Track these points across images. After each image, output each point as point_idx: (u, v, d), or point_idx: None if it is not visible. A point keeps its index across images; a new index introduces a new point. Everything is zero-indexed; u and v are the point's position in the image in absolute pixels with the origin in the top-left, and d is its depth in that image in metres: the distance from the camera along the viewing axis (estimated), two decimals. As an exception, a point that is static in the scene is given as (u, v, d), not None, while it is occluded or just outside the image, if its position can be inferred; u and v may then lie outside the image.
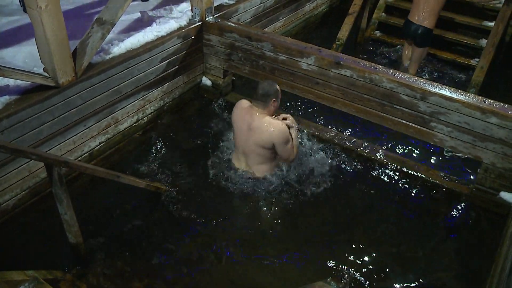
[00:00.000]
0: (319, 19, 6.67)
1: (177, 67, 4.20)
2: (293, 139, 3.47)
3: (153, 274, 2.97)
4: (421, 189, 3.65)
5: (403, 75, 3.51)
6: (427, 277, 3.03)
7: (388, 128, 3.81)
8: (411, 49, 5.40)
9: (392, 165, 3.78)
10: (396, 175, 3.74)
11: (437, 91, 3.34)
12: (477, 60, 5.25)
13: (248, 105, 3.46)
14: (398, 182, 3.71)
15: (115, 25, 3.36)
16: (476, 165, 3.57)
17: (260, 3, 5.10)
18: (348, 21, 5.57)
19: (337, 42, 5.43)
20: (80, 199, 3.30)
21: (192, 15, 4.26)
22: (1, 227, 3.07)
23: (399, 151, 4.08)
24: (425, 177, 3.67)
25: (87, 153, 3.59)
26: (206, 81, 4.60)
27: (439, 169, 3.82)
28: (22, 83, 3.09)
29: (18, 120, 2.94)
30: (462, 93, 3.33)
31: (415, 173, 3.71)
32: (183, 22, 4.17)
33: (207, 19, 4.27)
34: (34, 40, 3.04)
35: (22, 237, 3.12)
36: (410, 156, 4.01)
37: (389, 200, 3.60)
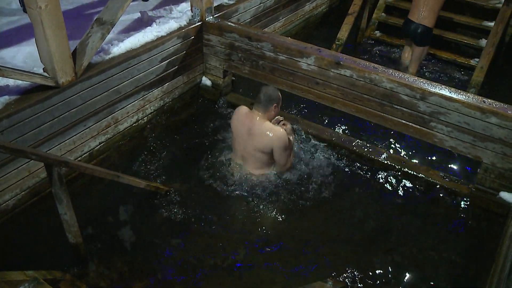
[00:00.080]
0: (319, 19, 6.67)
1: (177, 67, 4.20)
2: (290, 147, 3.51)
3: (153, 274, 2.97)
4: (421, 189, 3.65)
5: (403, 75, 3.51)
6: (426, 277, 3.03)
7: (388, 128, 3.81)
8: (411, 48, 5.40)
9: (392, 165, 3.77)
10: (396, 175, 3.74)
11: (437, 91, 3.34)
12: (477, 60, 5.26)
13: (247, 110, 3.50)
14: (398, 182, 3.71)
15: (115, 25, 3.36)
16: (476, 165, 3.57)
17: (260, 3, 5.10)
18: (348, 21, 5.57)
19: (337, 42, 5.44)
20: (80, 199, 3.30)
21: (192, 15, 4.26)
22: (1, 227, 3.07)
23: (399, 151, 4.08)
24: (425, 177, 3.67)
25: (87, 153, 3.59)
26: (206, 81, 4.60)
27: (439, 169, 3.82)
28: (22, 83, 3.09)
29: (18, 120, 2.94)
30: (462, 93, 3.33)
31: (415, 173, 3.71)
32: (183, 22, 4.17)
33: (207, 19, 4.27)
34: (34, 40, 3.04)
35: (22, 237, 3.12)
36: (410, 156, 4.02)
37: (389, 200, 3.60)
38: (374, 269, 3.05)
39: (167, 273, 2.98)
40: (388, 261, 3.11)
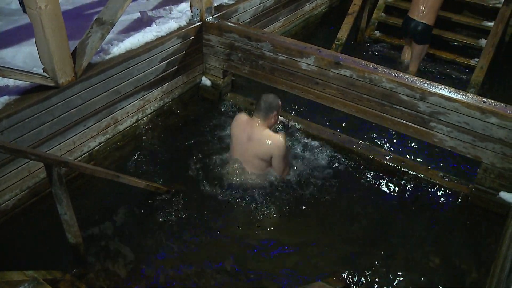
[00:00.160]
0: (318, 19, 6.66)
1: (176, 67, 4.20)
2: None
3: (152, 274, 2.97)
4: (420, 189, 3.65)
5: (402, 75, 3.51)
6: (426, 276, 3.03)
7: (387, 128, 3.81)
8: (411, 48, 5.41)
9: (391, 165, 3.77)
10: (395, 175, 3.75)
11: (437, 91, 3.34)
12: (476, 60, 5.26)
13: (247, 118, 3.54)
14: (397, 182, 3.71)
15: (114, 25, 3.36)
16: (475, 165, 3.57)
17: (260, 3, 5.10)
18: (347, 21, 5.57)
19: (337, 42, 5.44)
20: (79, 200, 3.31)
21: (192, 15, 4.26)
22: (1, 227, 3.07)
23: (399, 151, 4.08)
24: (424, 177, 3.67)
25: (87, 153, 3.59)
26: (206, 81, 4.60)
27: (438, 169, 3.82)
28: (21, 83, 3.09)
29: (17, 120, 2.94)
30: (462, 93, 3.33)
31: (414, 173, 3.71)
32: (182, 22, 4.17)
33: (206, 19, 4.27)
34: (33, 40, 3.04)
35: (22, 237, 3.12)
36: (409, 156, 4.01)
37: (389, 200, 3.60)
38: (374, 269, 3.05)
39: (167, 273, 2.98)
40: (388, 261, 3.11)
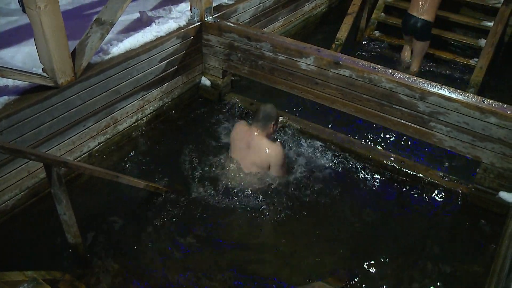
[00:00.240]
0: (318, 19, 6.66)
1: (176, 67, 4.20)
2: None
3: (152, 274, 2.97)
4: (420, 188, 3.65)
5: (402, 75, 3.51)
6: (425, 276, 3.03)
7: (387, 128, 3.81)
8: (410, 46, 5.41)
9: (391, 165, 3.77)
10: (395, 174, 3.75)
11: (436, 91, 3.34)
12: (476, 60, 5.26)
13: (247, 126, 3.57)
14: (397, 181, 3.71)
15: (114, 25, 3.36)
16: (475, 165, 3.58)
17: (259, 3, 5.10)
18: (347, 21, 5.57)
19: (336, 42, 5.44)
20: (79, 200, 3.31)
21: (191, 15, 4.26)
22: (0, 227, 3.07)
23: (398, 151, 4.08)
24: (424, 176, 3.67)
25: (86, 153, 3.58)
26: (205, 81, 4.60)
27: (438, 168, 3.82)
28: (21, 83, 3.08)
29: (17, 121, 2.94)
30: (461, 93, 3.33)
31: (414, 172, 3.70)
32: (182, 22, 4.17)
33: (206, 19, 4.27)
34: (33, 40, 3.04)
35: (21, 237, 3.11)
36: (409, 156, 4.01)
37: (388, 199, 3.60)
38: (373, 269, 3.05)
39: (166, 273, 2.98)
40: (387, 261, 3.11)
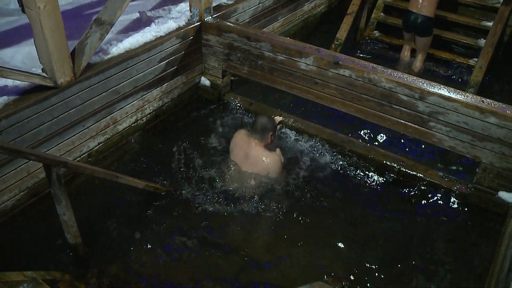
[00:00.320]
0: (317, 19, 6.67)
1: (175, 67, 4.20)
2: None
3: (151, 275, 2.97)
4: (419, 188, 3.65)
5: (401, 75, 3.52)
6: (425, 276, 3.03)
7: (387, 128, 3.81)
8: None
9: (390, 164, 3.77)
10: (394, 174, 3.75)
11: (436, 91, 3.34)
12: (475, 60, 5.26)
13: (246, 135, 3.59)
14: (396, 181, 3.71)
15: (113, 25, 3.36)
16: (474, 164, 3.58)
17: (259, 3, 5.10)
18: (346, 21, 5.57)
19: (336, 42, 5.44)
20: (79, 200, 3.30)
21: (191, 15, 4.26)
22: (0, 227, 3.07)
23: (398, 151, 4.08)
24: (423, 176, 3.67)
25: (86, 153, 3.58)
26: (205, 81, 4.60)
27: (437, 168, 3.82)
28: (20, 83, 3.08)
29: (16, 121, 2.94)
30: (461, 93, 3.33)
31: (413, 172, 3.71)
32: (181, 22, 4.17)
33: (205, 19, 4.27)
34: (32, 40, 3.04)
35: (21, 237, 3.11)
36: (408, 156, 4.01)
37: (388, 199, 3.60)
38: (373, 269, 3.05)
39: (166, 273, 2.98)
40: (387, 261, 3.11)
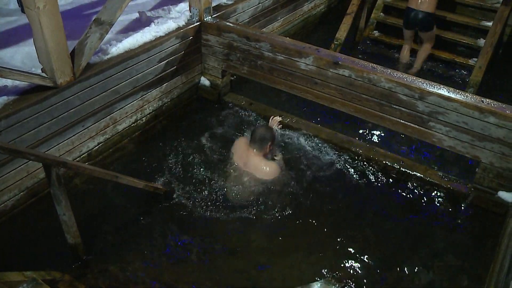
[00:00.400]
0: (317, 19, 6.67)
1: (175, 67, 4.20)
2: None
3: (151, 275, 2.97)
4: (419, 188, 3.66)
5: (401, 75, 3.52)
6: (425, 276, 3.04)
7: (386, 128, 3.82)
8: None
9: (390, 164, 3.78)
10: (394, 174, 3.75)
11: (436, 90, 3.34)
12: (475, 59, 5.27)
13: (245, 144, 3.61)
14: (396, 181, 3.72)
15: (113, 25, 3.35)
16: (474, 164, 3.58)
17: (259, 3, 5.09)
18: (346, 21, 5.57)
19: (336, 42, 5.44)
20: (78, 200, 3.31)
21: (190, 15, 4.26)
22: (0, 227, 3.06)
23: (398, 151, 4.08)
24: (423, 176, 3.67)
25: (86, 153, 3.58)
26: (205, 81, 4.60)
27: (437, 168, 3.82)
28: (20, 83, 3.08)
29: (16, 121, 2.94)
30: (461, 92, 3.33)
31: (413, 172, 3.71)
32: (181, 22, 4.17)
33: (205, 19, 4.27)
34: (32, 40, 3.04)
35: (21, 237, 3.11)
36: (408, 156, 4.02)
37: (387, 199, 3.60)
38: (373, 269, 3.05)
39: (166, 273, 2.98)
40: (387, 261, 3.11)
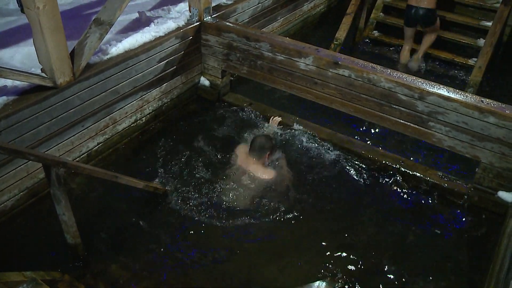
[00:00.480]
0: (317, 19, 6.67)
1: (175, 67, 4.20)
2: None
3: (151, 275, 2.97)
4: (419, 188, 3.66)
5: (401, 75, 3.52)
6: (425, 276, 3.03)
7: (386, 128, 3.82)
8: (410, 46, 5.42)
9: (390, 164, 3.77)
10: (394, 174, 3.74)
11: (435, 90, 3.34)
12: (475, 59, 5.26)
13: (245, 153, 3.63)
14: (396, 181, 3.71)
15: (113, 25, 3.36)
16: (474, 164, 3.58)
17: (258, 3, 5.10)
18: (346, 21, 5.57)
19: (335, 42, 5.44)
20: (78, 200, 3.31)
21: (190, 15, 4.26)
22: (0, 227, 3.06)
23: (397, 150, 4.08)
24: (423, 176, 3.67)
25: (85, 153, 3.58)
26: (204, 81, 4.60)
27: (437, 168, 3.82)
28: (20, 83, 3.08)
29: (16, 121, 2.94)
30: (460, 92, 3.33)
31: (413, 172, 3.71)
32: (181, 22, 4.17)
33: (205, 19, 4.27)
34: (32, 40, 3.04)
35: (20, 238, 3.11)
36: (408, 156, 4.01)
37: (387, 199, 3.60)
38: (373, 268, 3.05)
39: (165, 273, 2.98)
40: (386, 261, 3.11)
